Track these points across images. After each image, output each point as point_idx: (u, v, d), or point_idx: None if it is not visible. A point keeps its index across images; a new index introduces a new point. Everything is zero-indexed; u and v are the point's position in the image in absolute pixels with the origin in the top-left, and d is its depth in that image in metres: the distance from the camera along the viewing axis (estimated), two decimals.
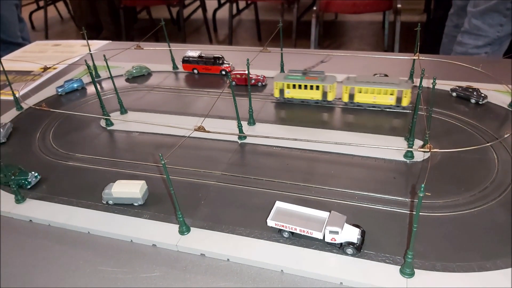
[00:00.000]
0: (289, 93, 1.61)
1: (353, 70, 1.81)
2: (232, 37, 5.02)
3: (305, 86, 1.57)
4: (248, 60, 1.39)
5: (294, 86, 1.59)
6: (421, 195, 0.79)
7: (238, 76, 1.79)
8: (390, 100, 1.50)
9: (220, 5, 5.72)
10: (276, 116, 1.60)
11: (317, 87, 1.56)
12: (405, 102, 1.50)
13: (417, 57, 1.49)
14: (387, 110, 1.54)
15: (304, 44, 4.47)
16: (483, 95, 1.53)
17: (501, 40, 2.48)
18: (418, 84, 1.21)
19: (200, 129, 1.20)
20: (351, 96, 1.55)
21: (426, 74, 1.21)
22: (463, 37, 2.58)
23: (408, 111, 1.53)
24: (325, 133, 1.44)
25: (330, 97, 1.58)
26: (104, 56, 1.54)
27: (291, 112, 1.61)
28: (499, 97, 1.55)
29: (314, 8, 4.00)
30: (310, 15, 4.04)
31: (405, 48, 4.02)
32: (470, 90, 1.55)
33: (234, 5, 5.30)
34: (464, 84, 1.60)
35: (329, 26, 5.41)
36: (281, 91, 1.62)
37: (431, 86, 1.20)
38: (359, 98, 1.54)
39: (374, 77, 1.54)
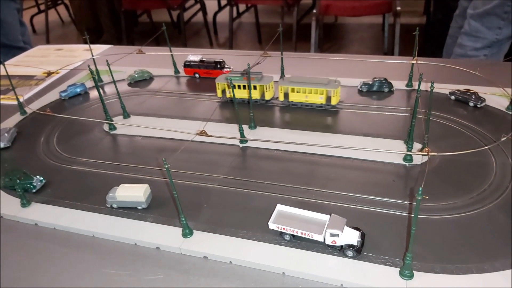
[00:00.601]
0: (230, 93, 1.70)
1: (352, 74, 1.84)
2: (233, 40, 5.05)
3: (244, 86, 1.66)
4: (248, 65, 1.41)
5: (234, 86, 1.67)
6: (419, 198, 0.81)
7: None
8: (320, 99, 1.61)
9: (221, 8, 5.75)
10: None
11: (255, 87, 1.65)
12: (334, 101, 1.60)
13: (415, 61, 1.51)
14: (390, 113, 1.56)
15: (304, 47, 4.49)
16: (481, 98, 1.55)
17: (500, 43, 2.50)
18: (416, 88, 1.22)
19: (202, 133, 1.22)
20: (286, 95, 1.65)
21: (424, 78, 1.23)
22: (463, 39, 2.60)
23: (337, 109, 1.62)
24: (326, 136, 1.46)
25: (267, 96, 1.68)
26: (107, 61, 1.56)
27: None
28: (497, 100, 1.57)
29: (314, 11, 4.03)
30: (310, 18, 4.08)
31: (405, 51, 4.04)
32: (469, 93, 1.57)
33: (234, 8, 5.32)
34: (462, 87, 1.62)
35: (329, 28, 5.44)
36: (223, 92, 1.72)
37: (429, 89, 1.22)
38: (293, 97, 1.64)
39: (306, 78, 1.63)
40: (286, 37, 1.75)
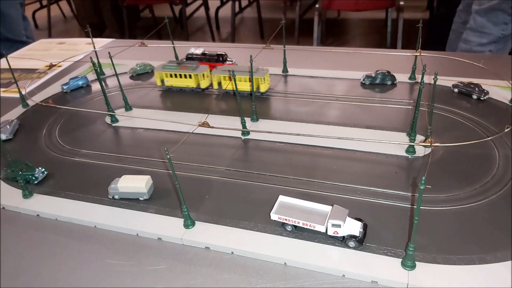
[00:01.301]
0: (168, 82, 1.79)
1: (355, 67, 1.83)
2: (235, 35, 5.04)
3: (180, 75, 1.75)
4: (251, 56, 1.40)
5: (171, 75, 1.77)
6: (421, 187, 0.80)
7: None
8: (250, 87, 1.65)
9: (223, 3, 5.73)
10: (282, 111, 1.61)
11: (190, 76, 1.74)
12: (263, 88, 1.69)
13: (418, 54, 1.50)
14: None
15: (306, 42, 4.48)
16: (485, 91, 1.54)
17: (506, 38, 2.47)
18: (420, 80, 1.22)
19: (204, 124, 1.22)
20: (220, 84, 1.74)
21: (427, 70, 1.22)
22: (468, 35, 2.58)
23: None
24: (328, 128, 1.45)
25: (203, 85, 1.77)
26: (109, 53, 1.56)
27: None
28: (500, 92, 1.56)
29: (317, 5, 4.01)
30: (313, 12, 4.05)
31: (408, 46, 4.02)
32: (472, 86, 1.56)
33: (237, 3, 5.31)
34: (466, 80, 1.61)
35: (331, 24, 5.42)
36: (162, 81, 1.81)
37: (432, 82, 1.21)
38: (225, 85, 1.74)
39: (237, 66, 1.75)
40: (288, 32, 1.74)
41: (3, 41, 2.84)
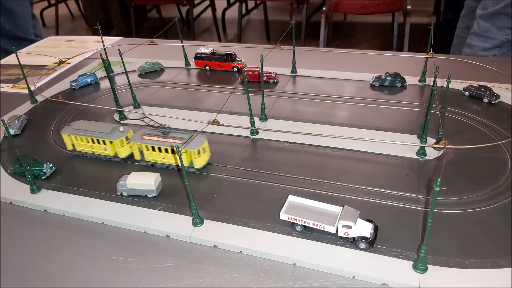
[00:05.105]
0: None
1: (364, 69, 1.82)
2: (241, 36, 5.04)
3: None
4: (261, 56, 1.39)
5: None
6: (436, 189, 0.79)
7: (250, 72, 1.80)
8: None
9: (230, 5, 5.74)
10: (290, 112, 1.60)
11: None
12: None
13: (430, 56, 1.49)
14: None
15: (313, 45, 4.46)
16: (496, 94, 1.52)
17: (510, 43, 2.46)
18: (429, 83, 1.21)
19: (214, 122, 1.21)
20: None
21: (440, 72, 1.21)
22: (472, 39, 2.57)
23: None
24: (337, 130, 1.44)
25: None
26: (119, 50, 1.56)
27: None
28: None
29: (324, 8, 4.00)
30: (319, 15, 4.05)
31: (414, 50, 4.00)
32: (483, 89, 1.54)
33: (243, 5, 5.31)
34: (476, 83, 1.59)
35: (337, 27, 5.41)
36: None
37: (444, 84, 1.20)
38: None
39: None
40: (295, 34, 1.74)
41: (11, 38, 2.85)
